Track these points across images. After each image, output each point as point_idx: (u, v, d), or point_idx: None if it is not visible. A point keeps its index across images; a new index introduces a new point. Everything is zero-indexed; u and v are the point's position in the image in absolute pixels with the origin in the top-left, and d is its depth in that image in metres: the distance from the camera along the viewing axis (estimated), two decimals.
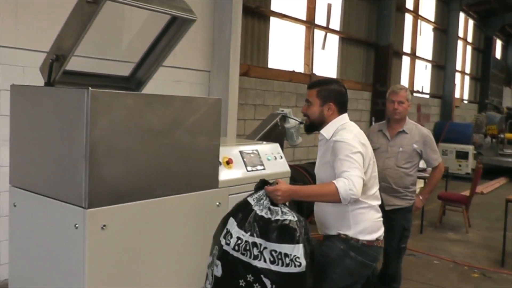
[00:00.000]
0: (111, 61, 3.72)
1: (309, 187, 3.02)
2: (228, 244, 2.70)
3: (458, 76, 17.67)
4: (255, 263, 2.64)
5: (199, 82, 6.39)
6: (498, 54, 24.23)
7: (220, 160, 3.48)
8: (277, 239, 2.65)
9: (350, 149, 2.84)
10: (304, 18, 9.31)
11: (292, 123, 5.39)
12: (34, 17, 4.50)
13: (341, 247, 2.97)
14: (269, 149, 4.05)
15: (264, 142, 4.23)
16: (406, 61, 13.99)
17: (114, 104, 2.74)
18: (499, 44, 24.13)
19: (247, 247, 2.66)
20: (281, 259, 2.62)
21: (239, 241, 2.68)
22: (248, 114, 7.83)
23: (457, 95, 17.64)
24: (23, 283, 3.14)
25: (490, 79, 21.36)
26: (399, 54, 13.06)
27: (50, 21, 4.29)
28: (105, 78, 3.61)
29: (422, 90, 15.45)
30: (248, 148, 3.86)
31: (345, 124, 3.06)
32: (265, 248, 2.65)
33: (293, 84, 8.81)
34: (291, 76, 8.82)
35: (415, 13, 14.24)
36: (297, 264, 2.63)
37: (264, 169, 3.82)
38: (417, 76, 14.91)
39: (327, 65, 10.15)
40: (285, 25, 8.90)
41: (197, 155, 3.24)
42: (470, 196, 7.80)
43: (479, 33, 20.60)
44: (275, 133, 5.23)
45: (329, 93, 3.08)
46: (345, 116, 3.12)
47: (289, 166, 4.18)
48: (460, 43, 17.57)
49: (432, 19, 15.59)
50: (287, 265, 2.63)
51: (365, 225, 2.98)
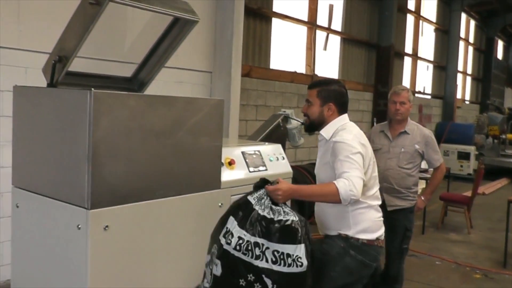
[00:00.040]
0: (113, 62, 3.73)
1: (309, 186, 3.02)
2: (229, 243, 2.68)
3: (459, 77, 17.68)
4: (256, 263, 2.63)
5: (201, 83, 6.39)
6: (500, 55, 24.22)
7: (222, 161, 3.48)
8: (280, 239, 2.64)
9: (350, 150, 2.84)
10: (305, 19, 9.32)
11: (294, 124, 5.39)
12: (37, 18, 4.50)
13: (341, 245, 2.96)
14: (271, 150, 4.05)
15: (266, 143, 4.23)
16: (407, 61, 13.99)
17: (116, 105, 2.74)
18: (500, 44, 24.12)
19: (249, 247, 2.64)
20: (283, 259, 2.62)
21: (241, 241, 2.66)
22: (249, 115, 7.84)
23: (458, 95, 17.64)
24: (26, 283, 3.14)
25: (492, 79, 21.34)
26: (401, 54, 13.06)
27: (52, 22, 4.30)
28: (108, 79, 3.61)
29: (424, 90, 15.44)
30: (250, 149, 3.86)
31: (345, 125, 3.06)
32: (267, 248, 2.63)
33: (294, 85, 8.81)
34: (292, 77, 8.82)
35: (417, 13, 14.24)
36: (299, 264, 2.63)
37: (266, 169, 3.82)
38: (418, 76, 14.91)
39: (328, 65, 10.15)
40: (286, 26, 8.91)
41: (199, 156, 3.24)
42: (472, 196, 7.79)
43: (481, 34, 20.60)
44: (277, 133, 5.22)
45: (329, 94, 3.07)
46: (345, 117, 3.12)
47: (291, 166, 4.19)
48: (461, 44, 17.57)
49: (434, 19, 15.59)
50: (289, 265, 2.62)
51: (365, 225, 2.98)
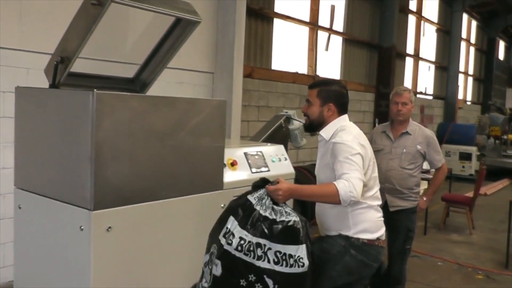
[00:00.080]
0: (115, 63, 3.73)
1: (309, 186, 3.00)
2: (229, 244, 2.65)
3: (461, 77, 17.66)
4: (258, 263, 2.61)
5: (202, 83, 6.39)
6: (501, 55, 24.21)
7: (225, 161, 3.48)
8: (282, 240, 2.63)
9: (349, 151, 2.83)
10: (307, 19, 9.31)
11: (296, 124, 5.38)
12: (38, 19, 4.50)
13: (342, 244, 2.95)
14: (273, 151, 4.05)
15: (269, 144, 4.22)
16: (409, 62, 13.99)
17: (119, 106, 2.74)
18: (502, 45, 24.10)
19: (251, 248, 2.62)
20: (286, 260, 2.61)
21: (242, 241, 2.64)
22: (251, 116, 7.83)
23: (460, 96, 17.64)
24: (28, 284, 3.14)
25: (493, 80, 21.33)
26: (402, 55, 13.05)
27: (54, 23, 4.29)
28: (110, 80, 3.61)
29: (425, 91, 15.43)
30: (252, 150, 3.86)
31: (345, 126, 3.04)
32: (269, 249, 2.62)
33: (296, 86, 8.80)
34: (294, 77, 8.81)
35: (418, 14, 14.23)
36: (301, 264, 2.62)
37: (269, 170, 3.82)
38: (420, 77, 14.90)
39: (330, 66, 10.15)
40: (288, 26, 8.90)
41: (201, 156, 3.24)
42: (474, 197, 7.78)
43: (482, 34, 20.58)
44: (279, 134, 5.22)
45: (329, 94, 3.07)
46: (345, 117, 3.11)
47: (293, 167, 4.18)
48: (463, 44, 17.56)
49: (435, 20, 15.58)
50: (291, 265, 2.61)
51: (365, 225, 2.97)
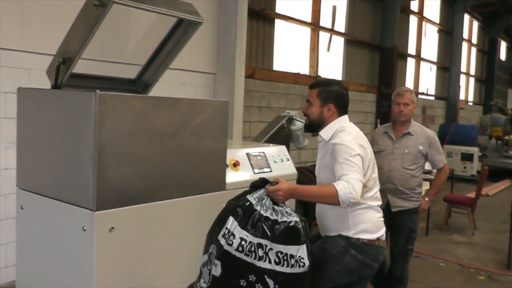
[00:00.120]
0: (117, 63, 3.73)
1: (309, 187, 2.98)
2: (230, 244, 2.63)
3: (463, 78, 17.64)
4: (259, 264, 2.60)
5: (204, 84, 6.39)
6: (503, 56, 24.17)
7: (227, 162, 3.48)
8: (284, 240, 2.62)
9: (349, 152, 2.83)
10: (309, 20, 9.30)
11: (298, 125, 5.38)
12: (40, 20, 4.51)
13: (342, 244, 2.95)
14: (275, 151, 4.05)
15: (271, 144, 4.23)
16: (411, 63, 13.97)
17: (121, 107, 2.74)
18: (503, 45, 24.06)
19: (252, 248, 2.61)
20: (287, 260, 2.60)
21: (243, 242, 2.62)
22: (253, 116, 7.83)
23: (462, 97, 17.61)
24: (30, 285, 3.14)
25: (495, 80, 21.30)
26: (404, 56, 13.04)
27: (56, 24, 4.30)
28: (112, 81, 3.61)
29: (427, 92, 15.41)
30: (254, 151, 3.86)
31: (345, 126, 3.04)
32: (270, 250, 2.61)
33: (298, 86, 8.80)
34: (296, 78, 8.81)
35: (420, 15, 14.22)
36: (301, 264, 2.62)
37: (271, 171, 3.82)
38: (422, 78, 14.88)
39: (332, 67, 10.14)
40: (290, 27, 8.90)
41: (204, 157, 3.24)
42: (476, 198, 7.77)
43: (484, 35, 20.56)
44: (281, 135, 5.22)
45: (329, 94, 3.06)
46: (345, 118, 3.11)
47: (295, 168, 4.18)
48: (464, 45, 17.53)
49: (437, 20, 15.56)
50: (292, 266, 2.61)
51: (365, 225, 2.96)
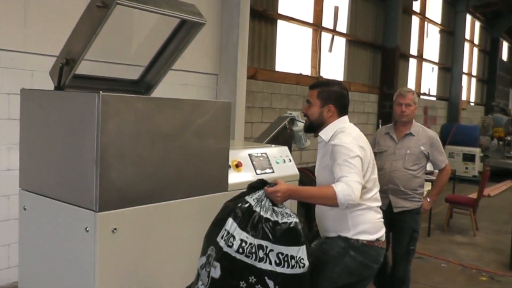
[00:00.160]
0: (120, 65, 3.73)
1: (307, 188, 2.97)
2: (230, 246, 2.62)
3: (464, 78, 17.62)
4: (260, 265, 2.59)
5: (206, 85, 6.40)
6: (505, 56, 24.14)
7: (230, 163, 3.49)
8: (284, 241, 2.61)
9: (348, 154, 2.83)
10: (311, 20, 9.31)
11: (300, 126, 5.39)
12: (43, 21, 4.52)
13: (342, 245, 2.95)
14: (277, 152, 4.05)
15: (273, 145, 4.23)
16: (413, 63, 13.97)
17: (124, 108, 2.75)
18: (505, 46, 24.04)
19: (253, 250, 2.60)
20: (287, 261, 2.60)
21: (243, 244, 2.61)
22: (255, 117, 7.84)
23: (463, 97, 17.60)
24: (33, 285, 3.14)
25: (497, 81, 21.29)
26: (406, 56, 13.03)
27: (59, 25, 4.31)
28: (114, 82, 3.62)
29: (429, 92, 15.41)
30: (257, 151, 3.86)
31: (344, 127, 3.03)
32: (271, 251, 2.60)
33: (300, 87, 8.80)
34: (298, 79, 8.82)
35: (422, 15, 14.22)
36: (301, 265, 2.62)
37: (273, 172, 3.82)
38: (423, 78, 14.88)
39: (334, 67, 10.14)
40: (292, 28, 8.90)
41: (206, 158, 3.25)
42: (478, 198, 7.76)
43: (486, 35, 20.54)
44: (283, 136, 5.23)
45: (329, 95, 3.06)
46: (345, 119, 3.11)
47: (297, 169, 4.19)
48: (466, 45, 17.52)
49: (439, 21, 15.55)
50: (292, 266, 2.60)
51: (365, 226, 2.96)
